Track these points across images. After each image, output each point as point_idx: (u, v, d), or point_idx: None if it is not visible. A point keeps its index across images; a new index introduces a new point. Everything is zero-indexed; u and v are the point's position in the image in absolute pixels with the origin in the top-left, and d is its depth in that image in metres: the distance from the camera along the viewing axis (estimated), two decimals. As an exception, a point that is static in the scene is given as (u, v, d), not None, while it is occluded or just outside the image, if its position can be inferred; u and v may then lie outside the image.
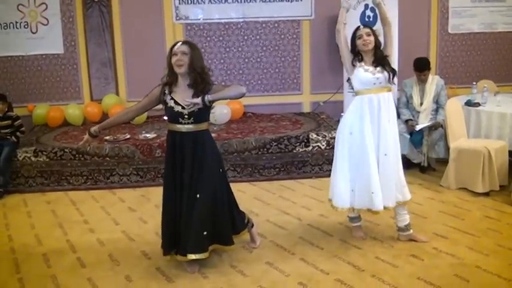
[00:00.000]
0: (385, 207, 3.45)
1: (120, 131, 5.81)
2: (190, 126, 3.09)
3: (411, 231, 3.60)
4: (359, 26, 3.52)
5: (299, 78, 6.73)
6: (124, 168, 5.13)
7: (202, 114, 3.11)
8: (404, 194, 3.53)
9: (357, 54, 3.48)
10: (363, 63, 3.45)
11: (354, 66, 3.47)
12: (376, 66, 3.43)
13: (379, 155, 3.43)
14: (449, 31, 6.72)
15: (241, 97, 3.15)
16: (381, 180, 3.41)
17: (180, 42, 3.09)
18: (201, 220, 3.11)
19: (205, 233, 3.13)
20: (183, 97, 3.06)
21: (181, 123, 3.09)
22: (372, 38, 3.41)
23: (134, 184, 5.13)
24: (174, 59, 3.04)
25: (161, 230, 3.28)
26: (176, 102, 3.08)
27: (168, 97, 3.10)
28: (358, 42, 3.43)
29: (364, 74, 3.42)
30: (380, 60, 3.44)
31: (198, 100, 3.01)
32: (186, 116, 3.07)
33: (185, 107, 3.05)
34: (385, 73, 3.43)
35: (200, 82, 3.07)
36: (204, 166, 3.12)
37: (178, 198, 3.14)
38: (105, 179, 5.13)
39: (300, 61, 6.67)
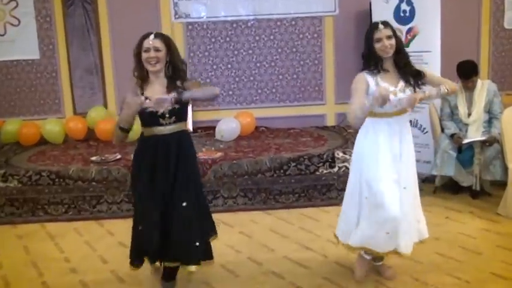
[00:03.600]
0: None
1: (108, 150, 5.83)
2: (173, 126, 3.25)
3: (381, 262, 3.68)
4: (377, 24, 3.37)
5: (321, 86, 6.73)
6: (113, 194, 5.13)
7: (183, 111, 3.28)
8: (420, 231, 3.55)
9: (371, 60, 3.36)
10: (379, 78, 3.33)
11: (369, 77, 3.34)
12: (399, 81, 3.33)
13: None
14: (506, 26, 6.67)
15: (213, 98, 3.35)
16: None
17: (153, 36, 3.21)
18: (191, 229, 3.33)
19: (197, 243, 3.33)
20: (158, 94, 3.18)
21: (162, 124, 3.22)
22: (393, 42, 3.30)
23: (125, 214, 5.10)
24: (145, 56, 3.18)
25: (134, 240, 3.44)
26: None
27: (142, 98, 3.18)
28: (377, 46, 3.31)
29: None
30: (402, 67, 3.34)
31: (172, 96, 3.11)
32: (167, 116, 3.21)
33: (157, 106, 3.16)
34: (411, 89, 3.34)
35: (177, 79, 3.23)
36: (188, 171, 3.31)
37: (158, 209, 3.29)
38: (91, 208, 5.13)
39: (323, 65, 6.69)
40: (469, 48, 6.39)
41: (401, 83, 3.34)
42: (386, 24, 3.37)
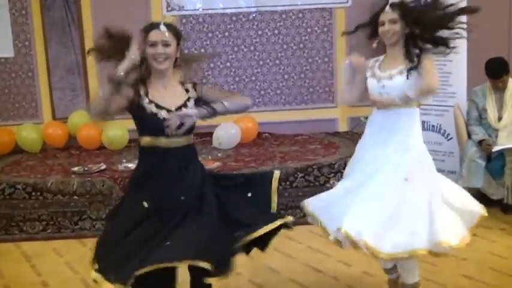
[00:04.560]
0: None
1: (92, 160, 5.84)
2: (180, 139, 3.01)
3: None
4: (385, 5, 3.38)
5: (332, 86, 6.74)
6: (98, 209, 5.14)
7: None
8: None
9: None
10: (376, 64, 3.40)
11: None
12: (397, 66, 3.31)
13: None
14: (540, 18, 6.69)
15: (244, 110, 3.16)
16: None
17: (163, 27, 2.95)
18: None
19: None
20: (167, 99, 2.98)
21: (167, 135, 2.96)
22: (396, 28, 3.24)
23: (110, 232, 5.13)
24: (152, 51, 2.93)
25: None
26: (158, 106, 2.96)
27: (146, 100, 2.96)
28: (379, 29, 3.33)
29: (369, 80, 3.40)
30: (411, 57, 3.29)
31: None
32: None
33: (170, 110, 2.94)
34: (403, 77, 3.24)
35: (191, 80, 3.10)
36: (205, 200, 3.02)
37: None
38: (72, 225, 5.13)
39: (333, 63, 6.70)
40: (498, 44, 6.37)
41: (396, 70, 3.29)
42: (395, 6, 3.31)
